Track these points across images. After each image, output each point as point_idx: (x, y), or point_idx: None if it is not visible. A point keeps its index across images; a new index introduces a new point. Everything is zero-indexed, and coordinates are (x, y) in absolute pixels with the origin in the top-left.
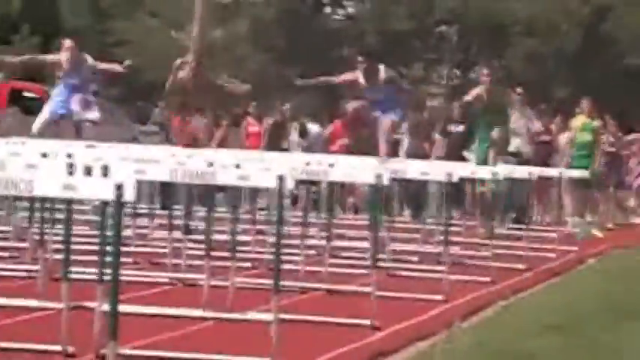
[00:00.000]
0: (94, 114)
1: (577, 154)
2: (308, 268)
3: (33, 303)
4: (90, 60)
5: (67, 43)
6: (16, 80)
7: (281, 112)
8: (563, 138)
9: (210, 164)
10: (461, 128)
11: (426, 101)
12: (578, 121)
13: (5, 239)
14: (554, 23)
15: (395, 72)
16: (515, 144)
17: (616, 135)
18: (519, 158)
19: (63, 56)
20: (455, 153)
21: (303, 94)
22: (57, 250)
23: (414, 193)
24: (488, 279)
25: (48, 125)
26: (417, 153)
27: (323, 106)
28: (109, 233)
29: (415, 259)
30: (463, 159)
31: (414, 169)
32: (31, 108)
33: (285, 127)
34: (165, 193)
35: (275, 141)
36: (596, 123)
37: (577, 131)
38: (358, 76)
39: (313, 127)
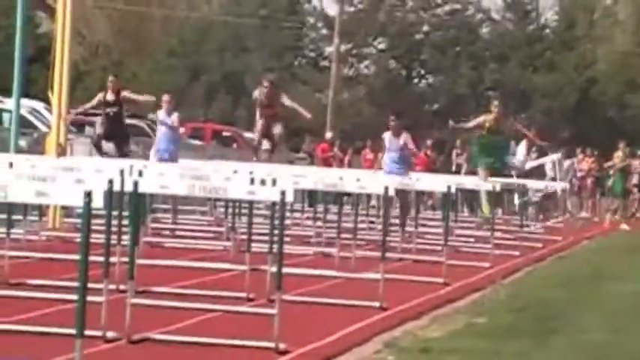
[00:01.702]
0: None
1: (619, 175)
2: (404, 245)
3: (227, 266)
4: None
5: (165, 97)
6: (215, 123)
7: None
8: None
9: (341, 178)
10: None
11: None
12: (618, 156)
13: (210, 226)
14: (559, 89)
15: None
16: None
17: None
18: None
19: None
20: None
21: None
22: (242, 233)
23: (470, 198)
24: (517, 253)
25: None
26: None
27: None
28: (276, 222)
29: (472, 240)
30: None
31: (470, 182)
32: (227, 142)
33: None
34: (312, 197)
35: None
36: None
37: (619, 160)
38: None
39: None
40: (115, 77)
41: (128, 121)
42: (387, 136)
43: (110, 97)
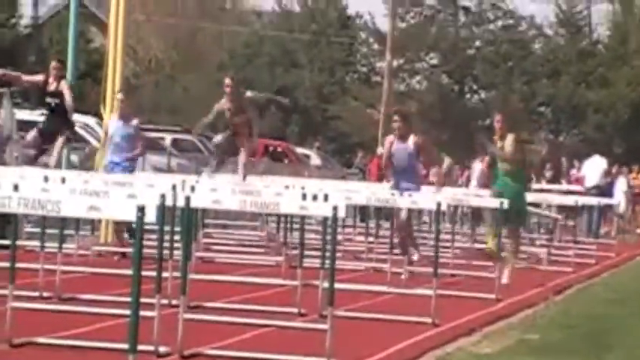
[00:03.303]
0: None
1: None
2: (456, 261)
3: (279, 281)
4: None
5: (119, 95)
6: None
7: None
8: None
9: (393, 193)
10: None
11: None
12: None
13: (261, 240)
14: (612, 104)
15: None
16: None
17: None
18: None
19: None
20: None
21: (447, 150)
22: (294, 248)
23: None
24: (570, 269)
25: None
26: None
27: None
28: (328, 237)
29: (525, 256)
30: None
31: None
32: (278, 157)
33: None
34: (363, 212)
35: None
36: None
37: None
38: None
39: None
40: (60, 63)
41: (177, 136)
42: (390, 140)
43: (52, 85)
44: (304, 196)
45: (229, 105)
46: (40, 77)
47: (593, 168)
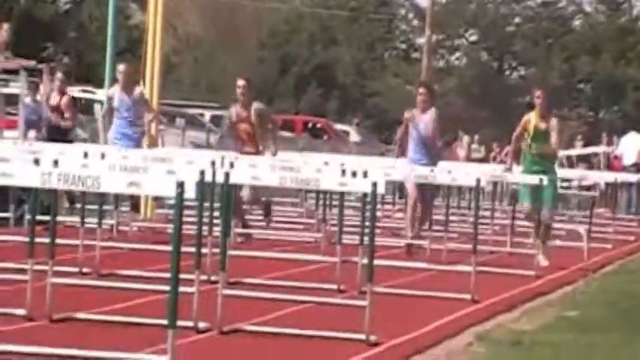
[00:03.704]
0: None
1: None
2: (496, 238)
3: (318, 257)
4: None
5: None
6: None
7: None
8: None
9: (432, 170)
10: None
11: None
12: None
13: (300, 217)
14: None
15: None
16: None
17: None
18: None
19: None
20: None
21: (487, 127)
22: (333, 224)
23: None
24: (609, 246)
25: None
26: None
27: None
28: (367, 213)
29: (564, 233)
30: None
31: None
32: (318, 134)
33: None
34: (402, 188)
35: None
36: None
37: None
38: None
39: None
40: (65, 75)
41: (216, 112)
42: (409, 115)
43: (54, 99)
44: (343, 173)
45: (240, 110)
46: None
47: (630, 145)
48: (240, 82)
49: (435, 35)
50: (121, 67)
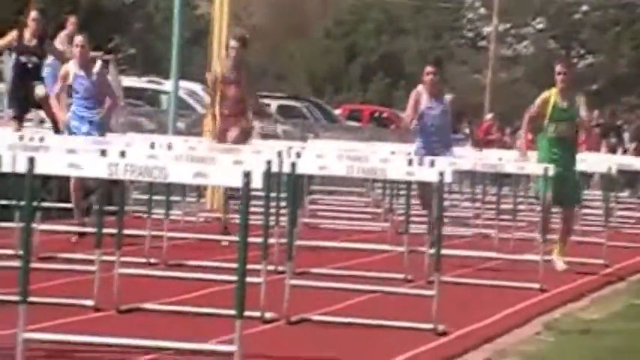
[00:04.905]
0: None
1: None
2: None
3: (385, 247)
4: None
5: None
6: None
7: None
8: None
9: (500, 158)
10: None
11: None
12: None
13: (366, 207)
14: None
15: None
16: None
17: None
18: None
19: None
20: None
21: None
22: (400, 214)
23: (631, 178)
24: None
25: None
26: None
27: None
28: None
29: (633, 221)
30: None
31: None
32: (384, 124)
33: None
34: (471, 177)
35: None
36: None
37: None
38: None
39: None
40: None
41: (283, 102)
42: (419, 94)
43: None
44: (410, 162)
45: (230, 71)
46: (10, 35)
47: None
48: (234, 43)
49: (502, 24)
50: (78, 39)
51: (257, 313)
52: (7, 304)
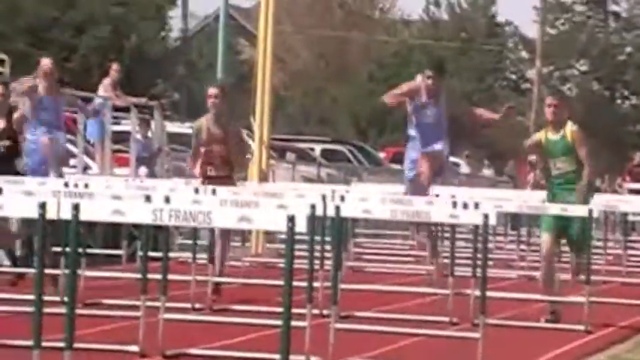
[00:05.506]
0: None
1: None
2: (608, 268)
3: (430, 290)
4: None
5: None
6: None
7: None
8: None
9: (544, 200)
10: None
11: None
12: None
13: (412, 249)
14: None
15: None
16: None
17: None
18: None
19: None
20: None
21: (598, 156)
22: (445, 257)
23: None
24: None
25: None
26: None
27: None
28: (479, 245)
29: None
30: None
31: None
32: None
33: None
34: (515, 219)
35: None
36: None
37: None
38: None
39: None
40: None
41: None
42: (417, 88)
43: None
44: (454, 205)
45: (214, 128)
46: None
47: None
48: (213, 91)
49: (546, 66)
50: (46, 61)
51: (302, 357)
52: (53, 351)
